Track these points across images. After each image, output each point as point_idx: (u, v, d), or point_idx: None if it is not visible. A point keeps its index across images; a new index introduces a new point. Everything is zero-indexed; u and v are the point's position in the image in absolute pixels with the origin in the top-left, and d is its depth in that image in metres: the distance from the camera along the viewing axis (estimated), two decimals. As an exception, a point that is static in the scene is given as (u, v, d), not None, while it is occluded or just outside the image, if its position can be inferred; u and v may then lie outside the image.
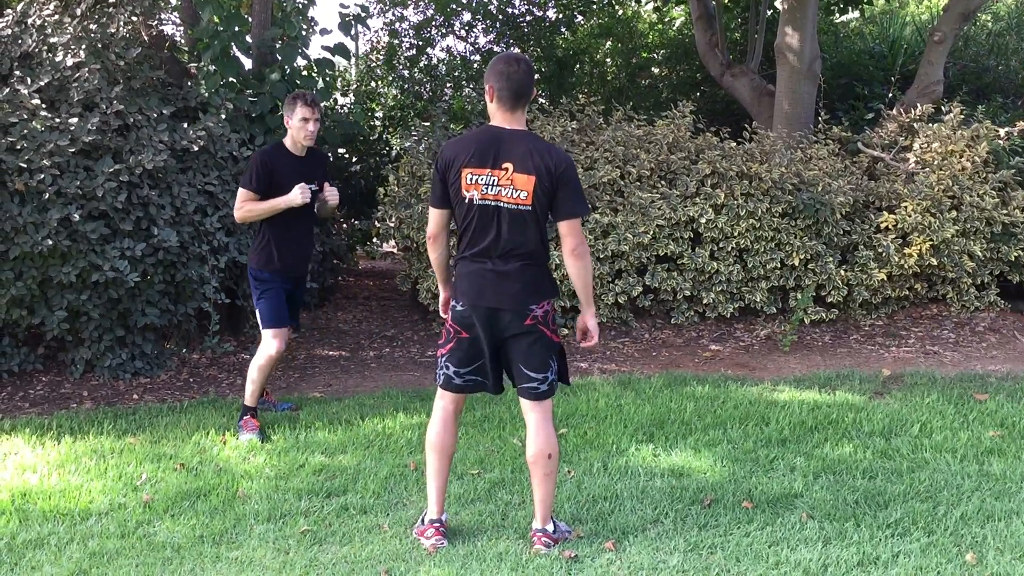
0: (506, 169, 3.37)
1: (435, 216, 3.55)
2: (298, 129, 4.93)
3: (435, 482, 3.62)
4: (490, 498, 4.01)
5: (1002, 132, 8.16)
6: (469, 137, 3.47)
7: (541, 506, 3.54)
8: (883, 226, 7.54)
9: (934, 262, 7.48)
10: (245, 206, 4.92)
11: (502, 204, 3.38)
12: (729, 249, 7.33)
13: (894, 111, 8.91)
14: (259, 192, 4.89)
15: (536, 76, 13.77)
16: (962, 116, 8.24)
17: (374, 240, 9.95)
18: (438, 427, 3.60)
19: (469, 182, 3.39)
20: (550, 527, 3.55)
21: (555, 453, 3.51)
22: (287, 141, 5.01)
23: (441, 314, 3.73)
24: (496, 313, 3.44)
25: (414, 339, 7.57)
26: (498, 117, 3.46)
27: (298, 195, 4.83)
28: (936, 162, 7.93)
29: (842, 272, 7.44)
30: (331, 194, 5.12)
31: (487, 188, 3.38)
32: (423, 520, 3.68)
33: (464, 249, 3.49)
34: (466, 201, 3.41)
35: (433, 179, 3.53)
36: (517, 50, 13.68)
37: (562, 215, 3.42)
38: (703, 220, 7.20)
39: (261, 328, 5.02)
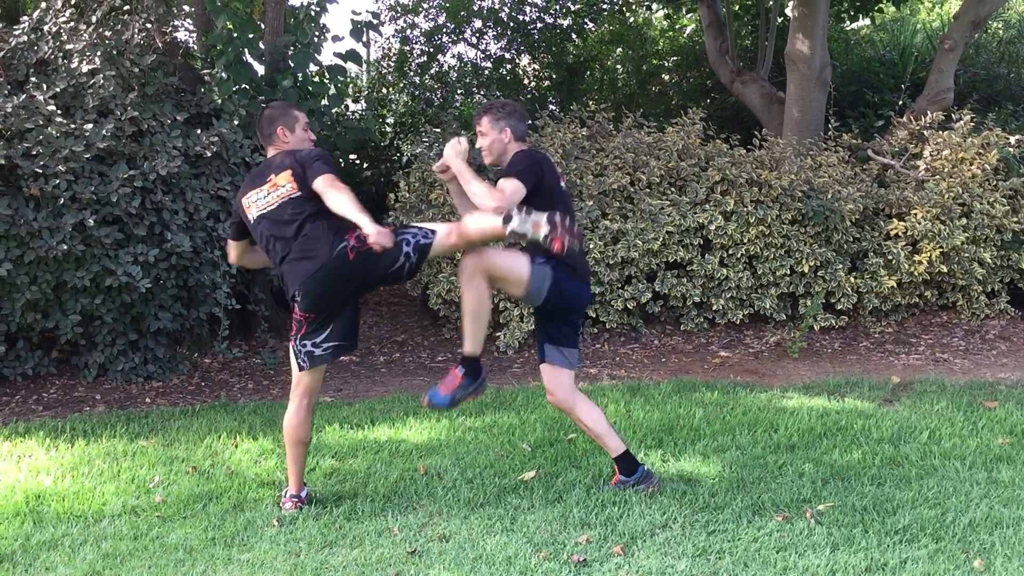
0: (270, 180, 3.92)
1: None
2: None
3: (292, 465, 4.04)
4: (499, 502, 4.03)
5: (1012, 140, 8.16)
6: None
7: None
8: (893, 233, 7.54)
9: (944, 269, 7.48)
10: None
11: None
12: (739, 256, 7.34)
13: (904, 118, 8.90)
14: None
15: (546, 83, 13.84)
16: (972, 124, 8.24)
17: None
18: (292, 419, 4.06)
19: (247, 204, 3.95)
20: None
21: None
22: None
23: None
24: None
25: (424, 344, 7.60)
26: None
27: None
28: (946, 169, 7.93)
29: (852, 279, 7.45)
30: None
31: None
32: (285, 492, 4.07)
33: None
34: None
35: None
36: (527, 58, 13.75)
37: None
38: (713, 227, 7.22)
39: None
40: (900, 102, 10.02)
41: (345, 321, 3.92)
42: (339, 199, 3.72)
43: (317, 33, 7.77)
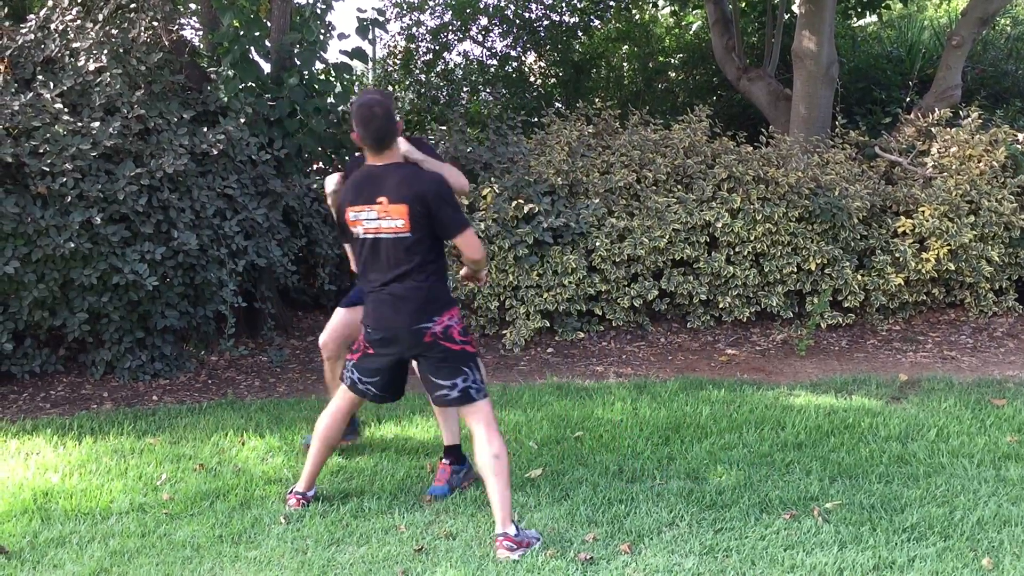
0: (381, 202, 3.63)
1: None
2: None
3: (310, 464, 4.01)
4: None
5: (1020, 137, 8.13)
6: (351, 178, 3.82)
7: (497, 509, 3.58)
8: (900, 231, 7.52)
9: (952, 267, 7.45)
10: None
11: (382, 235, 3.66)
12: (745, 253, 7.32)
13: (912, 115, 8.88)
14: None
15: (552, 80, 13.83)
16: (980, 120, 8.21)
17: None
18: (327, 420, 4.00)
19: (352, 219, 3.72)
20: (511, 530, 3.54)
21: (501, 454, 3.62)
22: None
23: None
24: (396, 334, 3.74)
25: (430, 342, 7.59)
26: (370, 158, 3.75)
27: None
28: (954, 167, 7.90)
29: (859, 277, 7.43)
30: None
31: (368, 222, 3.68)
32: (291, 489, 4.06)
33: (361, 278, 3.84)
34: (354, 236, 3.75)
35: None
36: (533, 56, 13.73)
37: (450, 233, 3.72)
38: (719, 224, 7.20)
39: None
40: (908, 99, 10.00)
41: (391, 378, 3.88)
42: (476, 262, 3.79)
43: (323, 31, 7.76)
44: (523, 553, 3.48)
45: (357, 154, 4.19)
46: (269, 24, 7.57)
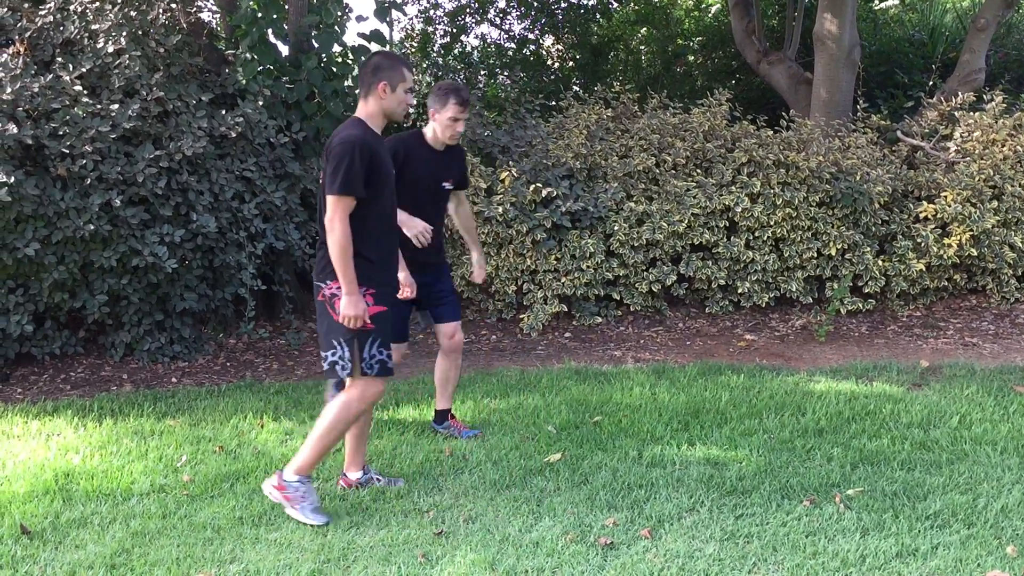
0: None
1: None
2: (445, 127, 4.35)
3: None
4: (524, 484, 4.02)
5: (1045, 121, 8.03)
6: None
7: (299, 454, 3.72)
8: (922, 216, 7.44)
9: (974, 252, 7.37)
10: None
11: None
12: (765, 238, 7.27)
13: (934, 99, 8.78)
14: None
15: (570, 63, 13.75)
16: (1004, 105, 8.11)
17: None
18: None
19: None
20: (290, 477, 3.68)
21: (332, 418, 3.67)
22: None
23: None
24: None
25: (448, 326, 7.59)
26: None
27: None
28: (977, 151, 7.81)
29: (880, 262, 7.36)
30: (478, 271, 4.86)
31: None
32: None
33: None
34: None
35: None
36: (551, 39, 13.66)
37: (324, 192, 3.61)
38: (739, 209, 7.15)
39: None
40: (930, 83, 9.88)
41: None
42: (330, 244, 3.54)
43: (341, 13, 7.74)
44: (280, 502, 3.68)
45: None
46: (287, 7, 7.55)
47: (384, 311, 3.68)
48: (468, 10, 13.60)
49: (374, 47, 8.53)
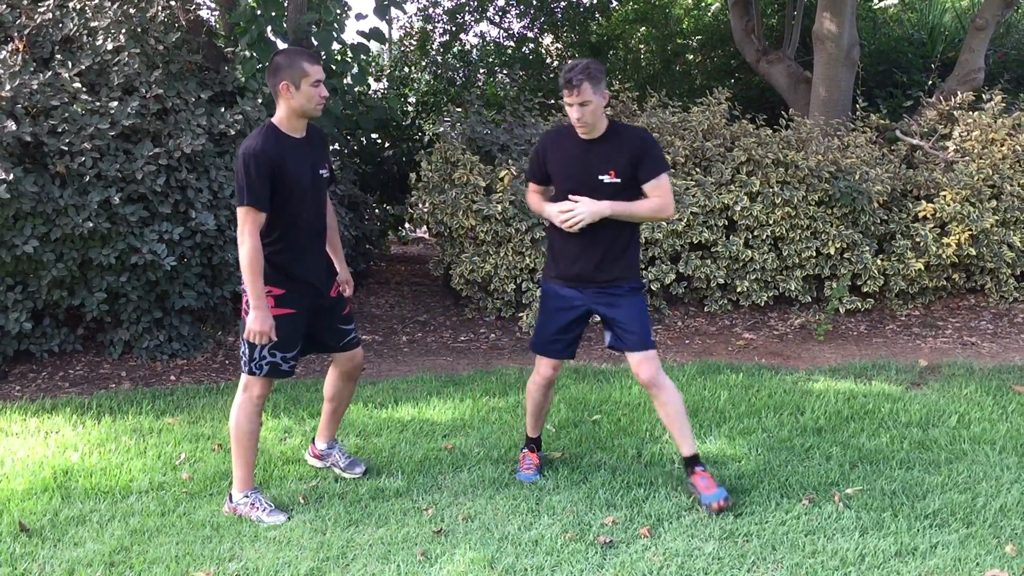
0: None
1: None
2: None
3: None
4: (523, 483, 4.02)
5: (1044, 120, 8.03)
6: None
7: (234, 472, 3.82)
8: (921, 215, 7.45)
9: (972, 252, 7.38)
10: None
11: None
12: (764, 237, 7.27)
13: (933, 99, 8.78)
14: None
15: (569, 62, 13.81)
16: (1003, 104, 8.12)
17: (406, 225, 9.99)
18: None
19: None
20: (235, 495, 3.78)
21: (233, 425, 3.74)
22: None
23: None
24: None
25: (446, 324, 7.59)
26: None
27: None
28: (976, 151, 7.82)
29: (878, 261, 7.37)
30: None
31: None
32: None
33: None
34: None
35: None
36: (550, 37, 13.65)
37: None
38: (738, 208, 7.15)
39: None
40: (929, 82, 9.89)
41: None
42: (240, 255, 3.57)
43: (340, 11, 7.73)
44: (231, 512, 3.76)
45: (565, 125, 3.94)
46: (286, 4, 7.54)
47: (287, 314, 3.70)
48: (467, 8, 13.59)
49: (373, 45, 8.54)
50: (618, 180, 3.74)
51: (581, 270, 3.85)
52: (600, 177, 3.75)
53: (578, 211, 3.72)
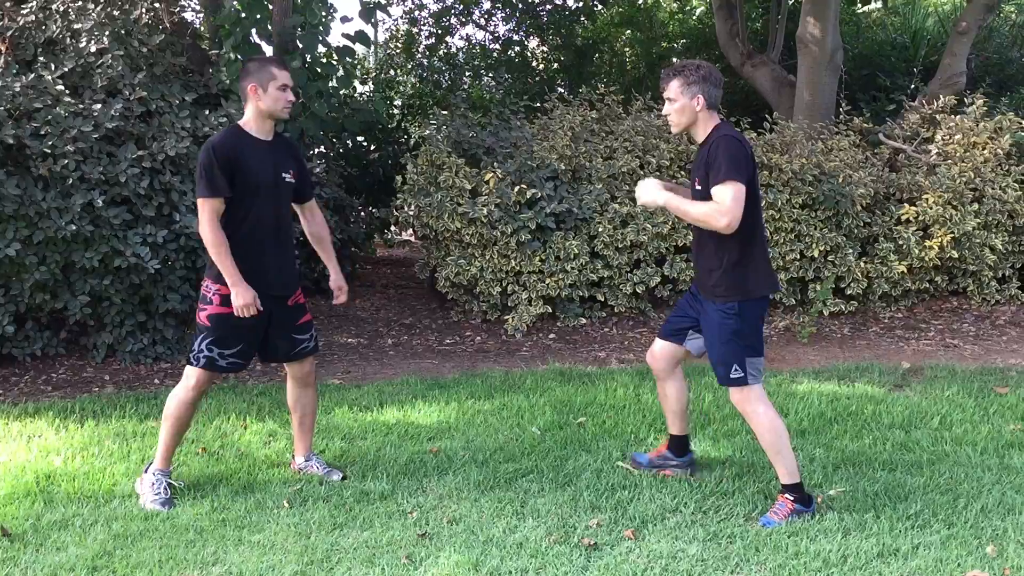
0: None
1: None
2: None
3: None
4: (509, 486, 4.03)
5: (1025, 124, 8.10)
6: None
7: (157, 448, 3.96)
8: (904, 218, 7.50)
9: (955, 255, 7.43)
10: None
11: None
12: (748, 240, 7.29)
13: (916, 102, 8.84)
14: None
15: (555, 65, 13.76)
16: (985, 108, 8.18)
17: (392, 228, 9.98)
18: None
19: None
20: (146, 470, 3.96)
21: (166, 408, 3.91)
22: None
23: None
24: None
25: (432, 327, 7.59)
26: None
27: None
28: (958, 154, 7.88)
29: (862, 264, 7.41)
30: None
31: None
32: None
33: None
34: None
35: None
36: (536, 40, 13.67)
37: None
38: (723, 211, 7.17)
39: None
40: (912, 86, 9.96)
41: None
42: (206, 244, 3.76)
43: (325, 14, 7.73)
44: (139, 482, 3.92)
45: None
46: (271, 7, 7.53)
47: (228, 313, 3.77)
48: (453, 11, 13.60)
49: (359, 48, 8.54)
50: (699, 188, 3.70)
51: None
52: (695, 185, 3.75)
53: (637, 188, 3.77)
